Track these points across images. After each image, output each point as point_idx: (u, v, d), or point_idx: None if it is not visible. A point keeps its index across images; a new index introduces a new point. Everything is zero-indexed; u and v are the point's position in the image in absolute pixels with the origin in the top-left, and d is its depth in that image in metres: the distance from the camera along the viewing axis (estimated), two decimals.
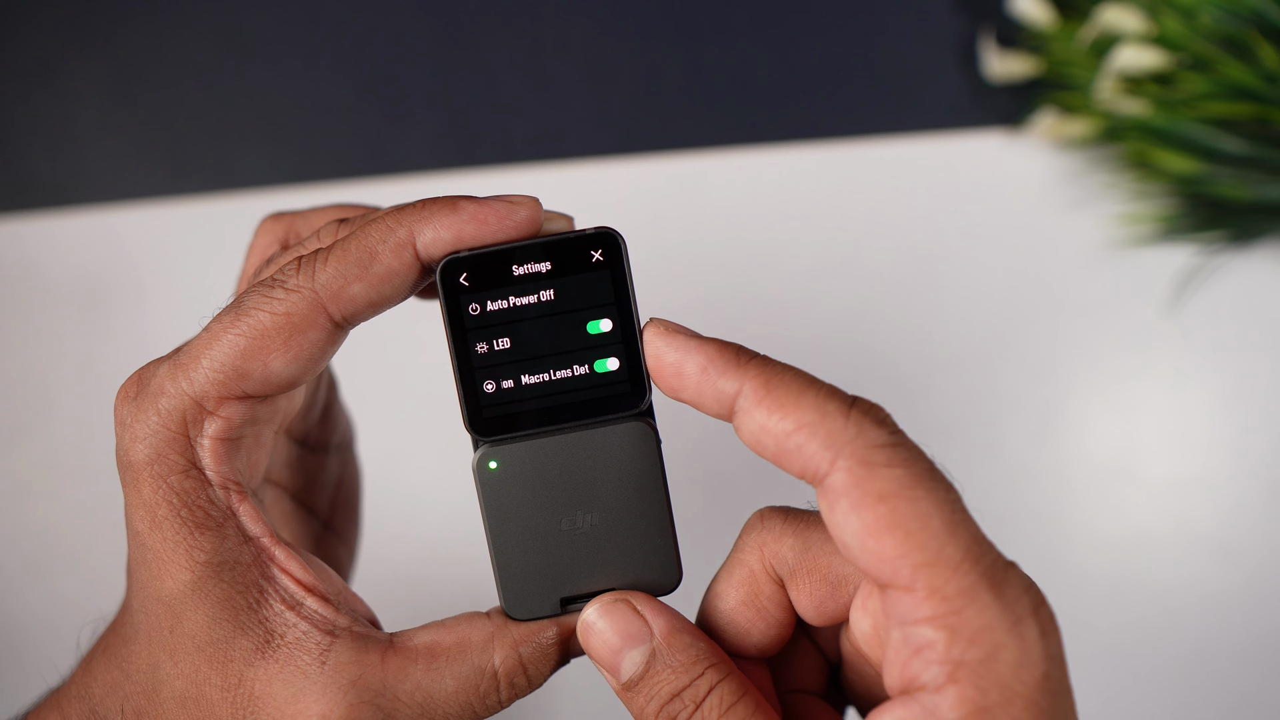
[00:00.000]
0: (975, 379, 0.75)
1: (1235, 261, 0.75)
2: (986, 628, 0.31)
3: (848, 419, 0.32)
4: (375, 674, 0.36)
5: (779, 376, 0.33)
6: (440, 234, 0.36)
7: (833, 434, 0.32)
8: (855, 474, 0.32)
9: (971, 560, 0.31)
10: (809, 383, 0.33)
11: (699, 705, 0.34)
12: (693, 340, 0.35)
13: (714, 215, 0.78)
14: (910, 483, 0.31)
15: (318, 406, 0.47)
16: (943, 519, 0.31)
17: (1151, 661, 0.73)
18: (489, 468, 0.37)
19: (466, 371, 0.37)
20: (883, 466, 0.32)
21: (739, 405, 0.34)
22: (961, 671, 0.31)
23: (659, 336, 0.35)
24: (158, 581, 0.36)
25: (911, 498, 0.31)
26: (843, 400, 0.33)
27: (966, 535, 0.31)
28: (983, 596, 0.31)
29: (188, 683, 0.36)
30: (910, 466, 0.32)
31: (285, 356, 0.35)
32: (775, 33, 0.79)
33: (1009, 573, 0.32)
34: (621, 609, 0.36)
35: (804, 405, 0.32)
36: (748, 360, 0.34)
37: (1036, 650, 0.31)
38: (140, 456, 0.35)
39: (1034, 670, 0.31)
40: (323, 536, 0.48)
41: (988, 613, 0.31)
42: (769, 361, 0.34)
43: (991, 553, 0.32)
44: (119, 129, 0.80)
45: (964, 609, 0.31)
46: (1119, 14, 0.70)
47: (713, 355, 0.34)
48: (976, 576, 0.31)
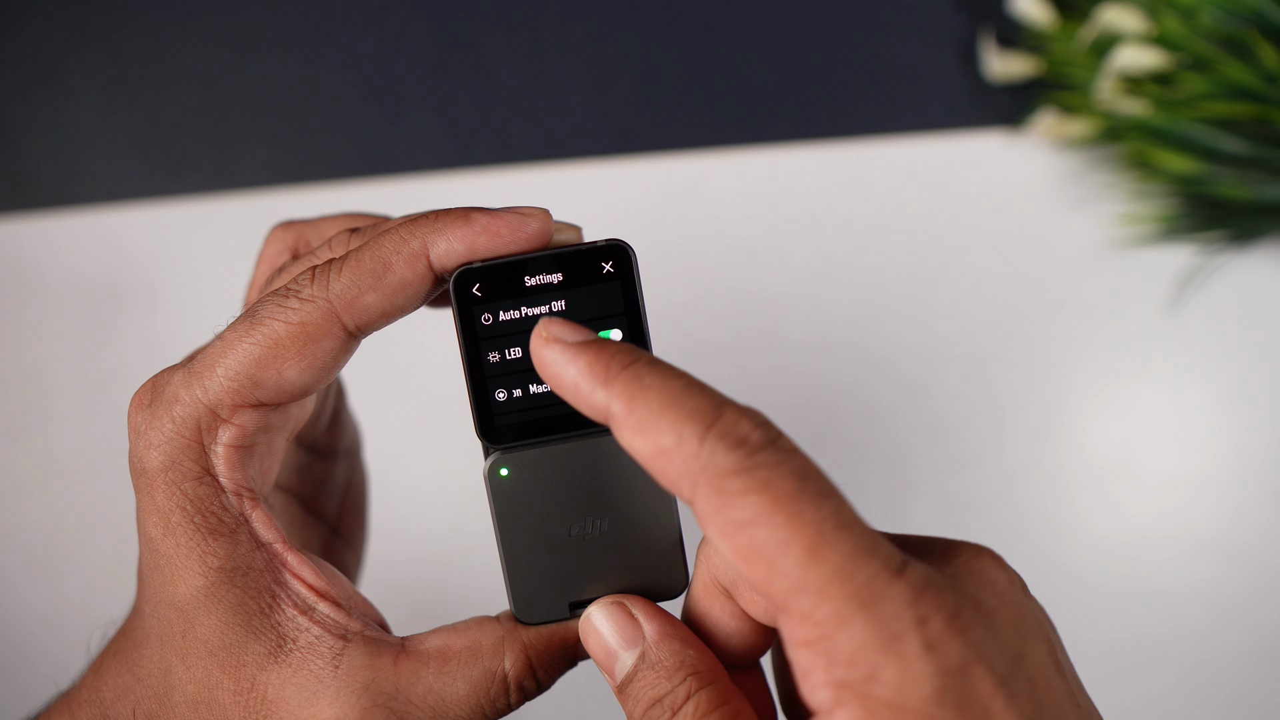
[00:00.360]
0: (975, 379, 0.75)
1: (1235, 261, 0.75)
2: (860, 649, 0.29)
3: (702, 444, 0.31)
4: (388, 678, 0.36)
5: (643, 394, 0.32)
6: (453, 245, 0.36)
7: (687, 461, 0.31)
8: (712, 502, 0.30)
9: (840, 581, 0.29)
10: (672, 399, 0.31)
11: (675, 712, 0.34)
12: (569, 350, 0.33)
13: (714, 215, 0.78)
14: (768, 509, 0.30)
15: (326, 413, 0.47)
16: (805, 544, 0.30)
17: (1151, 661, 0.73)
18: (500, 475, 0.38)
19: (479, 380, 0.37)
20: (737, 495, 0.30)
21: (610, 423, 0.32)
22: (845, 694, 0.30)
23: (540, 346, 0.34)
24: (170, 587, 0.36)
25: (770, 524, 0.30)
26: (701, 421, 0.31)
27: (836, 555, 0.30)
28: (854, 619, 0.29)
29: (200, 687, 0.36)
30: (768, 491, 0.30)
31: (299, 365, 0.36)
32: (775, 33, 0.80)
33: (891, 586, 0.30)
34: (617, 612, 0.37)
35: (662, 428, 0.31)
36: (617, 373, 0.32)
37: (920, 666, 0.29)
38: (154, 463, 0.36)
39: (921, 686, 0.29)
40: (330, 541, 0.49)
41: (860, 634, 0.29)
42: (639, 372, 0.32)
43: (869, 567, 0.30)
44: (119, 129, 0.80)
45: (834, 634, 0.29)
46: (1119, 14, 0.70)
47: (583, 369, 0.33)
48: (844, 599, 0.29)
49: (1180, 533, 0.73)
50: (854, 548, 0.30)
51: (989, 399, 0.75)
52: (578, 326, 0.34)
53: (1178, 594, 0.73)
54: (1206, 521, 0.73)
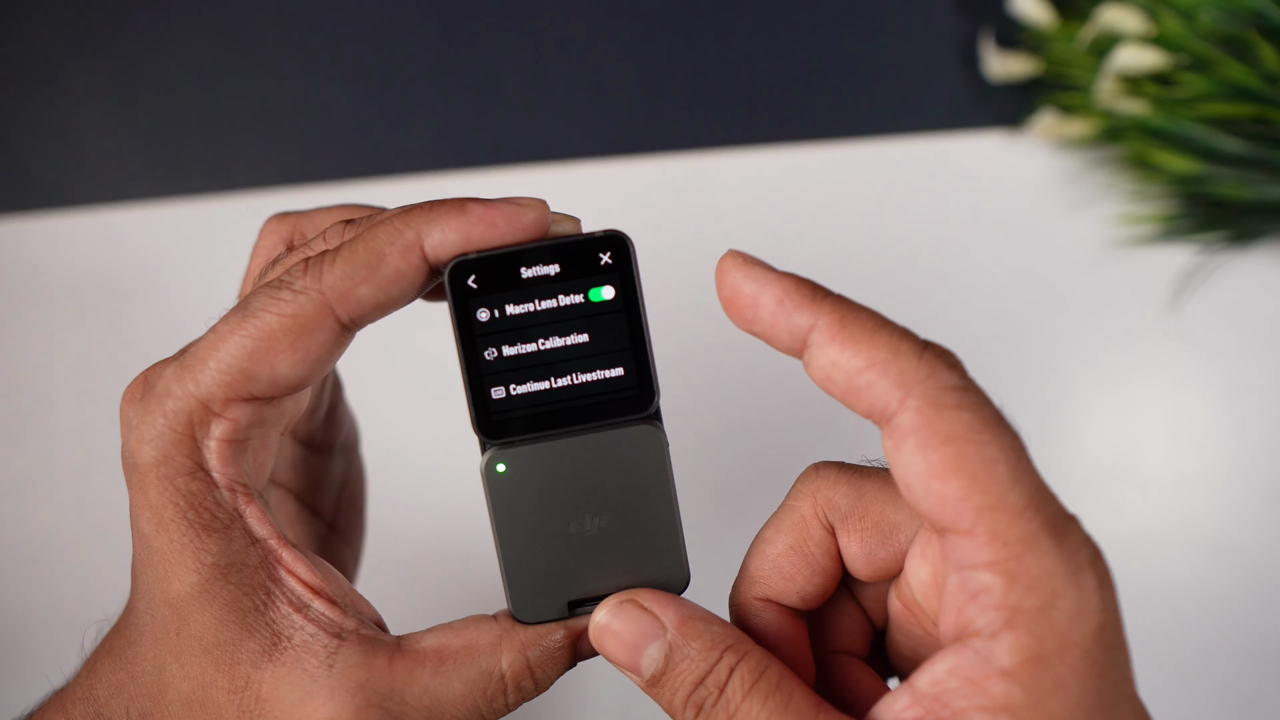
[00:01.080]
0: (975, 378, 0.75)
1: (1235, 261, 0.75)
2: (1045, 575, 0.31)
3: (920, 359, 0.32)
4: (383, 677, 0.36)
5: (854, 314, 0.33)
6: (448, 236, 0.36)
7: (904, 373, 0.32)
8: (924, 414, 0.31)
9: (1034, 508, 0.31)
10: (883, 322, 0.33)
11: (723, 689, 0.34)
12: (769, 273, 0.34)
13: (714, 215, 0.78)
14: (979, 427, 0.31)
15: (323, 408, 0.47)
16: (1008, 465, 0.31)
17: (1150, 661, 0.72)
18: (497, 471, 0.37)
19: (475, 374, 0.37)
20: (952, 409, 0.31)
21: (812, 340, 0.33)
22: (1018, 618, 0.31)
23: (736, 268, 0.34)
24: (164, 583, 0.36)
25: (979, 441, 0.31)
26: (916, 341, 0.32)
27: (1030, 483, 0.31)
28: (1043, 544, 0.31)
29: (194, 685, 0.36)
30: (979, 411, 0.31)
31: (292, 358, 0.35)
32: (775, 33, 0.79)
33: (1070, 524, 0.32)
34: (630, 609, 0.36)
35: (877, 343, 0.32)
36: (824, 296, 0.34)
37: (1094, 601, 0.31)
38: (146, 458, 0.35)
39: (1090, 620, 0.31)
40: (327, 538, 0.48)
41: (1047, 560, 0.31)
42: (844, 299, 0.34)
43: (1054, 503, 0.32)
44: (119, 129, 0.80)
45: (1024, 555, 0.31)
46: (1119, 14, 0.70)
47: (789, 289, 0.34)
48: (1039, 524, 0.31)
49: (1180, 532, 0.73)
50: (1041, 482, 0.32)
51: None
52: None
53: (1177, 593, 0.73)
54: (1206, 521, 0.73)
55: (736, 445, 0.75)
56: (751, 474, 0.74)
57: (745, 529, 0.40)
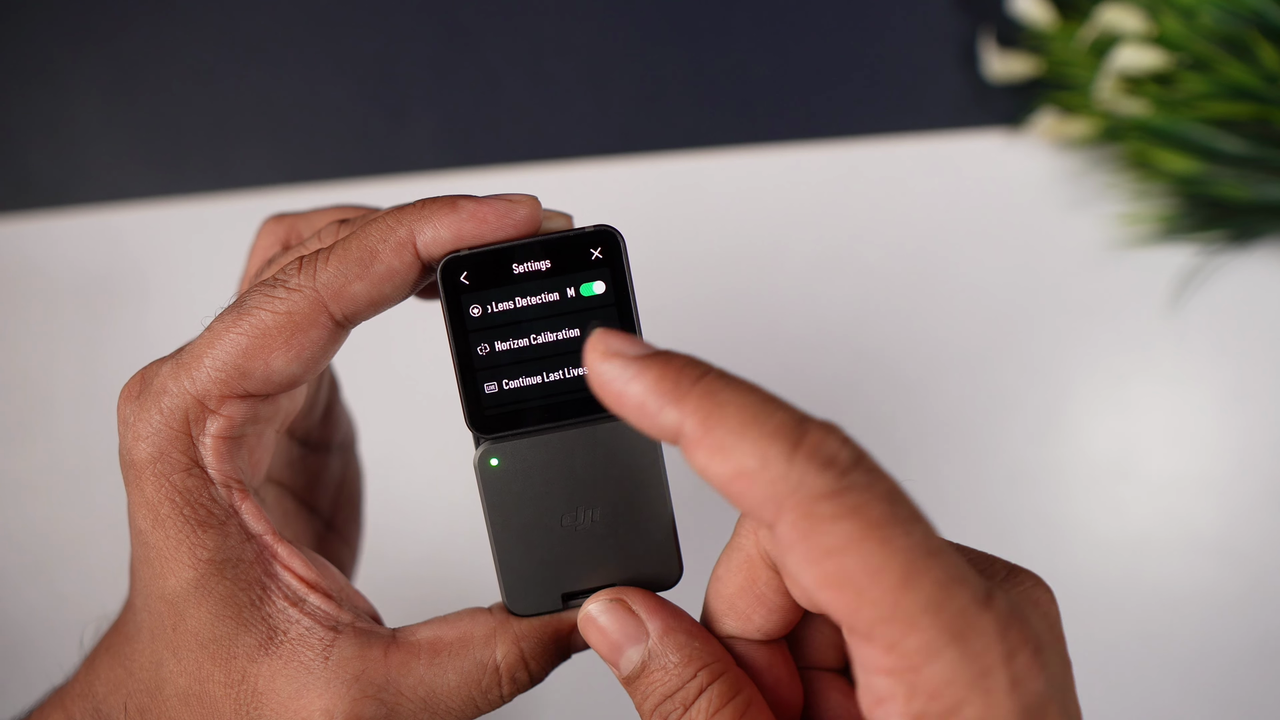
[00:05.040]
0: (975, 379, 0.75)
1: (1235, 261, 0.75)
2: (947, 683, 0.28)
3: (790, 465, 0.29)
4: (379, 669, 0.36)
5: (719, 411, 0.30)
6: (440, 233, 0.36)
7: (774, 484, 0.29)
8: (799, 528, 0.29)
9: (933, 612, 0.29)
10: (753, 417, 0.30)
11: (687, 708, 0.34)
12: (633, 365, 0.31)
13: (714, 215, 0.78)
14: (859, 535, 0.29)
15: (319, 406, 0.47)
16: (898, 572, 0.29)
17: (1151, 662, 0.73)
18: (490, 465, 0.38)
19: (468, 369, 0.37)
20: (828, 521, 0.29)
21: (681, 442, 0.31)
22: None
23: (598, 361, 0.32)
24: (160, 579, 0.36)
25: (861, 552, 0.29)
26: (787, 440, 0.29)
27: (929, 583, 0.29)
28: (944, 652, 0.28)
29: (191, 680, 0.36)
30: (860, 516, 0.29)
31: (287, 355, 0.35)
32: (775, 33, 0.80)
33: (981, 617, 0.29)
34: (618, 609, 0.36)
35: (743, 449, 0.29)
36: (689, 388, 0.30)
37: (1004, 704, 0.29)
38: (143, 455, 0.36)
39: None
40: (325, 535, 0.48)
41: (949, 668, 0.28)
42: (712, 387, 0.30)
43: (959, 598, 0.29)
44: (119, 129, 0.80)
45: (922, 666, 0.29)
46: (1119, 14, 0.70)
47: (651, 384, 0.31)
48: (936, 631, 0.28)
49: (1180, 533, 0.73)
50: (945, 576, 0.29)
51: (989, 399, 0.75)
52: (633, 338, 0.32)
53: (1177, 594, 0.73)
54: (1206, 521, 0.73)
55: None
56: None
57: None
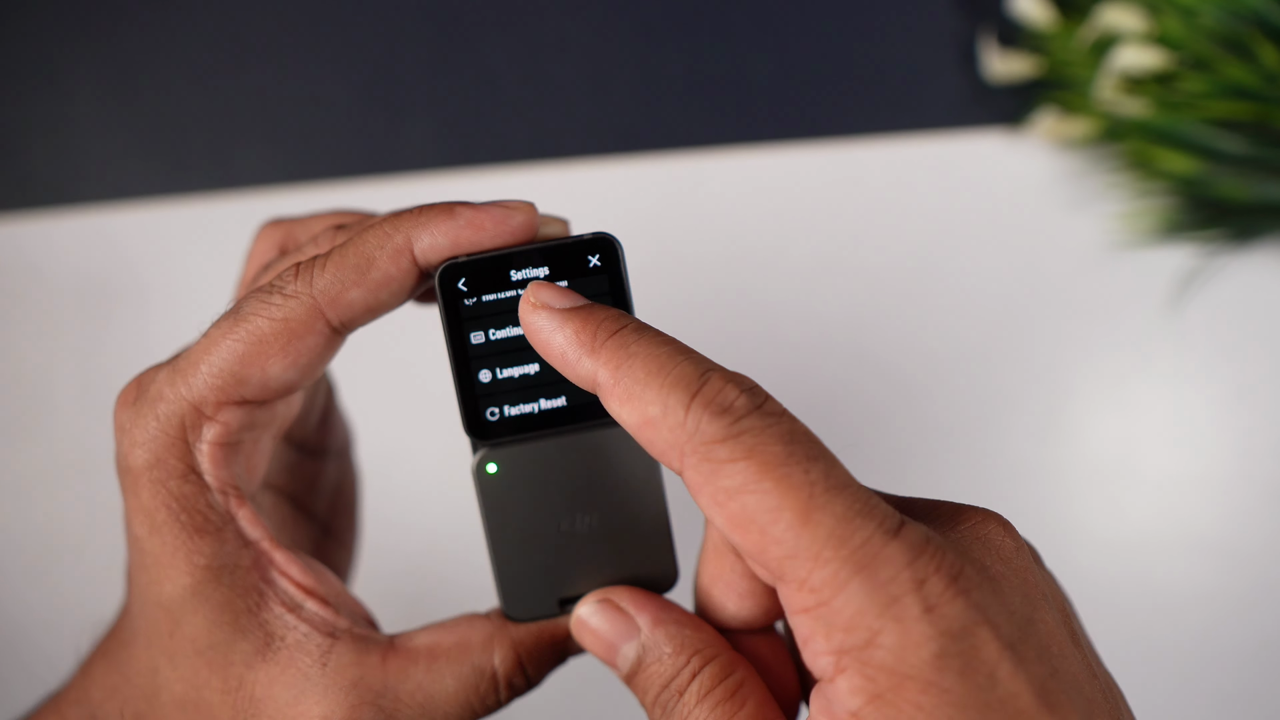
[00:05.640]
0: (975, 379, 0.75)
1: (1235, 261, 0.75)
2: (857, 613, 0.29)
3: (687, 413, 0.30)
4: (376, 675, 0.36)
5: (628, 362, 0.32)
6: (437, 239, 0.36)
7: (674, 431, 0.31)
8: (701, 471, 0.30)
9: (835, 544, 0.29)
10: (657, 368, 0.31)
11: (682, 693, 0.34)
12: (556, 316, 0.33)
13: (713, 215, 0.78)
14: (756, 475, 0.30)
15: (316, 412, 0.47)
16: (796, 508, 0.29)
17: (1151, 661, 0.73)
18: (488, 471, 0.38)
19: (465, 376, 0.37)
20: (725, 463, 0.30)
21: (598, 392, 0.33)
22: (845, 659, 0.29)
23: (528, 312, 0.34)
24: (157, 586, 0.36)
25: (759, 491, 0.29)
26: (686, 389, 0.31)
27: (828, 519, 0.29)
28: (849, 582, 0.29)
29: (187, 686, 0.36)
30: (755, 456, 0.30)
31: (283, 362, 0.35)
32: (775, 33, 0.79)
33: (887, 547, 0.29)
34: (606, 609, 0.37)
35: (648, 397, 0.31)
36: (604, 340, 0.32)
37: (920, 629, 0.29)
38: (139, 461, 0.36)
39: (921, 650, 0.29)
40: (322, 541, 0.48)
41: (857, 598, 0.29)
42: (624, 339, 0.32)
43: (864, 530, 0.29)
44: (119, 129, 0.80)
45: (831, 599, 0.29)
46: (1119, 14, 0.70)
47: (570, 336, 0.33)
48: (839, 562, 0.29)
49: (1180, 533, 0.73)
50: (846, 510, 0.30)
51: (989, 399, 0.75)
52: (567, 291, 0.34)
53: (1178, 594, 0.73)
54: (1206, 521, 0.73)
55: None
56: None
57: None
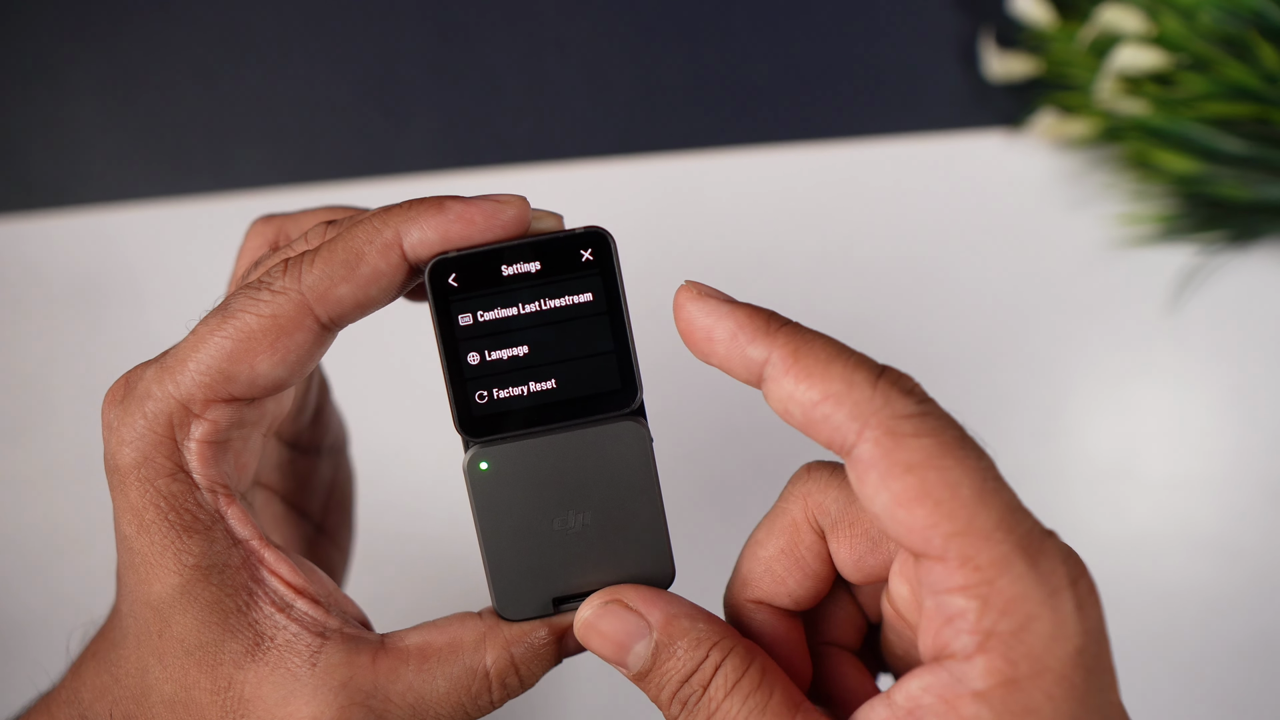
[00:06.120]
0: (975, 379, 0.75)
1: (1235, 261, 0.74)
2: (1019, 598, 0.30)
3: (874, 389, 0.32)
4: (366, 675, 0.36)
5: (808, 345, 0.33)
6: (427, 234, 0.36)
7: (859, 404, 0.31)
8: (882, 445, 0.31)
9: (1005, 529, 0.31)
10: (837, 351, 0.33)
11: (706, 687, 0.34)
12: (724, 305, 0.34)
13: (713, 215, 0.77)
14: (938, 452, 0.31)
15: (309, 409, 0.47)
16: (973, 487, 0.31)
17: (1150, 661, 0.72)
18: (479, 469, 0.37)
19: (456, 373, 0.37)
20: (910, 437, 0.31)
21: (767, 373, 0.33)
22: (992, 641, 0.30)
23: (691, 300, 0.34)
24: (146, 585, 0.36)
25: (940, 467, 0.31)
26: (871, 370, 0.32)
27: (999, 503, 0.31)
28: (1016, 566, 0.30)
29: (177, 686, 0.36)
30: (938, 436, 0.31)
31: (272, 359, 0.35)
32: (775, 33, 0.79)
33: (1046, 542, 0.31)
34: (616, 609, 0.36)
35: (831, 375, 0.32)
36: (778, 327, 0.33)
37: (1071, 624, 0.30)
38: (127, 460, 0.35)
39: (1067, 644, 0.30)
40: (315, 539, 0.48)
41: (1021, 583, 0.30)
42: (799, 329, 0.34)
43: (1027, 521, 0.31)
44: (119, 129, 0.80)
45: (996, 579, 0.30)
46: (1119, 14, 0.70)
47: (742, 321, 0.34)
48: (1010, 546, 0.30)
49: (1180, 533, 0.73)
50: (1013, 500, 0.31)
51: (989, 399, 0.75)
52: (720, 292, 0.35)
53: (1177, 593, 0.73)
54: (1206, 521, 0.73)
55: (730, 443, 0.75)
56: (744, 472, 0.74)
57: (737, 527, 0.39)
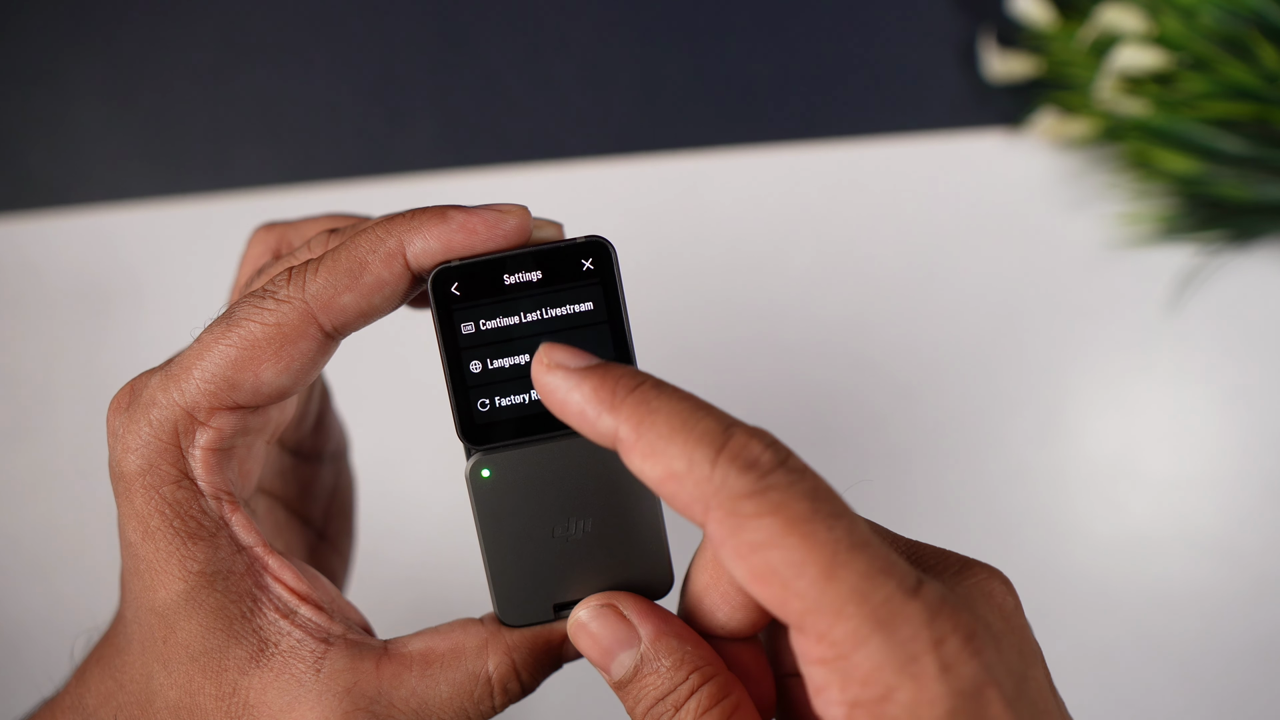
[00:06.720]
0: (975, 379, 0.75)
1: (1235, 261, 0.75)
2: (876, 669, 0.29)
3: (713, 468, 0.31)
4: (370, 681, 0.36)
5: (650, 418, 0.32)
6: (430, 244, 0.36)
7: (699, 485, 0.31)
8: (726, 526, 0.30)
9: (857, 601, 0.30)
10: (682, 422, 0.31)
11: (679, 709, 0.34)
12: (572, 376, 0.33)
13: (713, 216, 0.77)
14: (782, 531, 0.30)
15: (311, 416, 0.47)
16: (820, 564, 0.30)
17: (1150, 661, 0.72)
18: (482, 476, 0.37)
19: (459, 380, 0.37)
20: (750, 518, 0.30)
21: (618, 447, 0.32)
22: (858, 712, 0.30)
23: (543, 374, 0.34)
24: (151, 592, 0.36)
25: (784, 546, 0.30)
26: (712, 445, 0.31)
27: (851, 575, 0.30)
28: (870, 639, 0.29)
29: (181, 692, 0.36)
30: (781, 512, 0.30)
31: (276, 367, 0.35)
32: (775, 33, 0.79)
33: (907, 606, 0.30)
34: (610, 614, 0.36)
35: (672, 453, 0.31)
36: (623, 397, 0.32)
37: (934, 688, 0.29)
38: (132, 467, 0.35)
39: (934, 708, 0.29)
40: (317, 546, 0.48)
41: (877, 655, 0.29)
42: (645, 396, 0.32)
43: (885, 587, 0.30)
44: (119, 129, 0.80)
45: (851, 654, 0.30)
46: (1119, 14, 0.70)
47: (588, 394, 0.33)
48: (861, 619, 0.29)
49: (1180, 533, 0.73)
50: (869, 567, 0.30)
51: (988, 399, 0.75)
52: (579, 351, 0.34)
53: (1177, 594, 0.73)
54: (1206, 521, 0.73)
55: None
56: None
57: None
